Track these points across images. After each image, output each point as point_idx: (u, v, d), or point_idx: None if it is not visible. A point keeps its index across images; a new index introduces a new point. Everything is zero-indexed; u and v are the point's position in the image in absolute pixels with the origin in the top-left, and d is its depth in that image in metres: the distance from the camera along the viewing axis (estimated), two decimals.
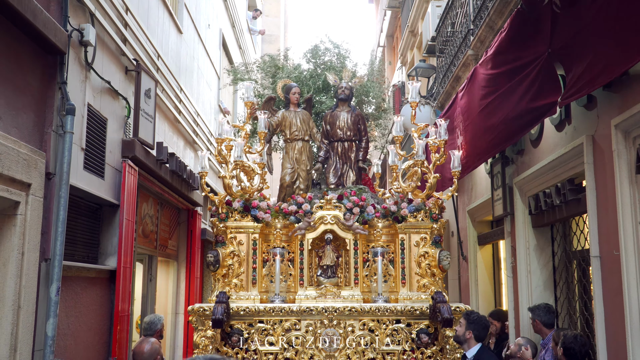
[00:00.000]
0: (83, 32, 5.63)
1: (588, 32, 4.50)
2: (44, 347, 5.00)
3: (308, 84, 9.75)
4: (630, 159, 4.92)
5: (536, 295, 7.23)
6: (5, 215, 4.56)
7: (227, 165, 6.32)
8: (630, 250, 4.87)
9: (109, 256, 6.70)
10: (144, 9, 7.85)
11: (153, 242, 9.11)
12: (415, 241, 6.42)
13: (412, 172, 6.54)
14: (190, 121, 10.29)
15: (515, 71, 5.76)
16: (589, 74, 4.63)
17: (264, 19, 24.56)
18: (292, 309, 5.97)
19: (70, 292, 5.74)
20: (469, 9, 9.03)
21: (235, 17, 15.83)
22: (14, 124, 4.60)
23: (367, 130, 7.82)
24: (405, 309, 6.04)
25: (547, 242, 7.35)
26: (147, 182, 7.98)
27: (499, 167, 7.99)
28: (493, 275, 10.08)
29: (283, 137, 7.63)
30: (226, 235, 6.34)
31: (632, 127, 4.83)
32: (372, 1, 31.28)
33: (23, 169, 4.59)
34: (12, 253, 4.55)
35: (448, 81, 10.22)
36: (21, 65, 4.76)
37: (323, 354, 5.91)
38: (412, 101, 6.80)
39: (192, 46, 10.91)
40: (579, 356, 4.87)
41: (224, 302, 5.83)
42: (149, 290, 9.42)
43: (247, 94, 6.58)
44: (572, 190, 6.14)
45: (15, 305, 4.58)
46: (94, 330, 6.39)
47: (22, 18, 4.43)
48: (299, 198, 6.67)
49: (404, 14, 18.61)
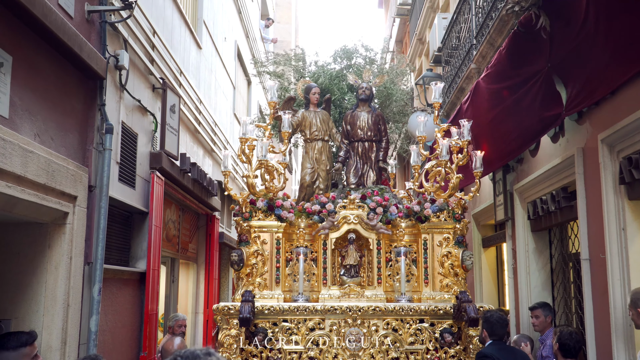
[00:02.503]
0: (118, 57, 6.22)
1: (584, 48, 4.91)
2: (87, 341, 5.62)
3: (337, 83, 9.93)
4: (614, 171, 5.34)
5: (535, 295, 7.65)
6: (56, 224, 5.18)
7: (251, 164, 6.30)
8: (615, 254, 5.30)
9: (139, 259, 7.28)
10: (168, 30, 8.44)
11: (175, 246, 9.69)
12: (438, 241, 6.39)
13: (435, 172, 6.52)
14: (209, 131, 10.87)
15: (517, 85, 6.15)
16: (586, 89, 5.09)
17: (275, 26, 25.08)
18: (317, 308, 5.94)
19: (108, 293, 6.32)
20: (471, 24, 9.49)
21: (248, 28, 16.39)
22: (63, 143, 5.20)
23: (387, 130, 7.79)
24: (429, 309, 5.99)
25: (545, 245, 7.79)
26: (172, 190, 8.56)
27: (501, 174, 8.46)
28: (497, 277, 10.52)
29: (303, 137, 7.61)
30: (250, 235, 6.29)
31: (616, 141, 5.26)
32: (382, 6, 31.68)
33: (70, 183, 5.19)
34: (62, 258, 5.16)
35: (453, 92, 10.65)
36: (68, 91, 5.37)
37: (347, 353, 5.88)
38: (435, 101, 6.78)
39: (210, 60, 11.50)
40: (572, 351, 5.20)
41: (251, 301, 5.81)
42: (172, 291, 10.00)
43: (271, 94, 6.59)
44: (565, 198, 6.58)
45: (65, 303, 5.19)
46: (127, 327, 6.98)
47: (71, 51, 5.04)
48: (323, 198, 6.67)
49: (412, 21, 18.97)
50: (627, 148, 5.14)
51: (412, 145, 7.16)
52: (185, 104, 9.11)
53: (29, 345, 4.00)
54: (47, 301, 5.12)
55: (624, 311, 5.20)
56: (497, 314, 5.42)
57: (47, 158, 4.78)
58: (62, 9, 5.11)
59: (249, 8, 16.72)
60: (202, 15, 10.84)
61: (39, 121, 4.82)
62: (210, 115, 11.05)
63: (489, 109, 6.80)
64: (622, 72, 4.52)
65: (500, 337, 5.28)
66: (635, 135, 4.95)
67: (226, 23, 13.37)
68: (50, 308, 5.12)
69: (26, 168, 4.45)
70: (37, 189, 4.66)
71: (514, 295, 8.19)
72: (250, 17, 16.69)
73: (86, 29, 5.62)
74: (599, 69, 4.81)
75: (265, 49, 20.42)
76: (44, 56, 4.95)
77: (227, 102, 13.40)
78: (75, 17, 5.39)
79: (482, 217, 9.90)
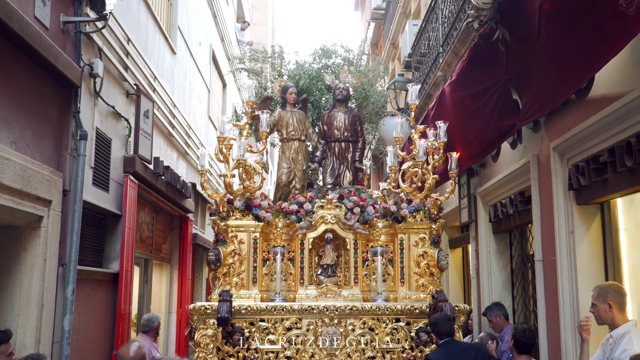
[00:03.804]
0: (93, 65, 6.42)
1: (536, 63, 5.21)
2: (61, 339, 5.83)
3: (317, 85, 10.03)
4: (564, 177, 5.68)
5: (496, 294, 7.95)
6: (31, 227, 5.39)
7: (228, 164, 6.28)
8: (564, 255, 5.64)
9: (112, 261, 7.48)
10: (142, 37, 8.64)
11: (149, 247, 9.87)
12: (414, 241, 6.40)
13: (411, 172, 6.53)
14: (183, 134, 11.06)
15: (478, 94, 6.44)
16: (538, 101, 5.37)
17: (251, 28, 25.21)
18: (294, 308, 5.95)
19: (82, 293, 6.52)
20: (438, 33, 9.79)
21: (224, 31, 16.53)
22: (38, 149, 5.41)
23: (363, 131, 7.81)
24: (405, 308, 6.02)
25: (506, 246, 8.11)
26: (145, 193, 8.75)
27: (465, 178, 8.79)
28: (463, 277, 10.84)
29: (279, 136, 7.61)
30: (227, 234, 6.27)
31: (566, 150, 5.60)
32: (358, 9, 31.95)
33: (45, 188, 5.40)
34: (37, 260, 5.37)
35: (421, 97, 10.92)
36: (44, 99, 5.57)
37: (324, 352, 5.89)
38: (411, 103, 6.76)
39: (185, 64, 11.69)
40: (526, 347, 5.37)
41: (228, 301, 5.82)
42: (145, 291, 10.15)
43: (249, 93, 6.55)
44: (522, 202, 6.90)
45: (39, 303, 5.40)
46: (100, 326, 7.18)
47: (47, 62, 5.25)
48: (300, 197, 6.66)
49: (386, 26, 19.24)
50: (575, 156, 5.48)
51: (389, 147, 7.15)
52: (159, 109, 9.30)
53: (4, 343, 4.23)
54: (22, 301, 5.34)
55: (572, 309, 5.54)
56: (438, 314, 5.49)
57: (23, 164, 4.99)
58: (38, 21, 5.32)
59: (225, 11, 16.89)
60: (176, 21, 11.03)
61: (15, 129, 5.03)
62: (184, 118, 11.23)
63: (454, 115, 7.04)
64: (565, 90, 4.82)
65: (449, 334, 5.28)
66: (583, 144, 5.27)
67: (201, 27, 13.56)
68: (25, 308, 5.33)
69: (2, 174, 4.66)
70: (13, 194, 4.87)
71: (477, 294, 8.50)
72: (225, 21, 16.84)
73: (61, 39, 5.83)
74: (548, 84, 5.10)
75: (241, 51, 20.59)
76: (20, 66, 5.16)
77: (202, 106, 13.59)
78: (50, 28, 5.60)
79: (449, 219, 10.17)
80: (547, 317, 6.13)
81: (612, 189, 4.89)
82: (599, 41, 4.10)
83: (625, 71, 4.52)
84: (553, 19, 4.68)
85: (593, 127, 4.95)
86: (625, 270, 5.24)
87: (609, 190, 4.94)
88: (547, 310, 6.15)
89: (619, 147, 4.62)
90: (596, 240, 5.50)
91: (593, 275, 5.43)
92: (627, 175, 4.61)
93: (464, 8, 8.05)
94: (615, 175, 4.75)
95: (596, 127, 4.91)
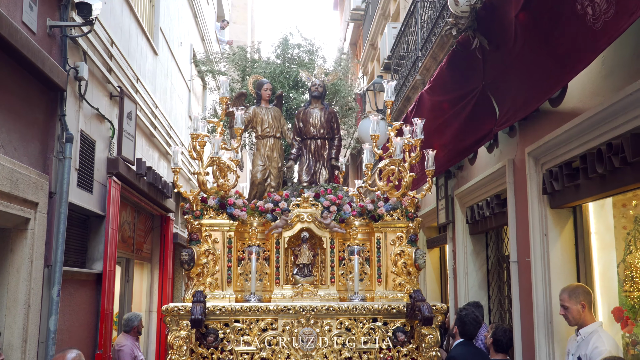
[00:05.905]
0: (78, 69, 6.50)
1: (511, 71, 5.39)
2: (46, 339, 5.91)
3: (280, 80, 9.91)
4: (539, 181, 5.87)
5: (472, 294, 8.15)
6: (19, 229, 5.47)
7: (202, 161, 6.10)
8: (538, 257, 5.83)
9: (95, 261, 7.55)
10: (125, 39, 8.70)
11: (130, 247, 9.94)
12: (391, 240, 6.26)
13: (388, 170, 6.42)
14: (164, 134, 11.13)
15: (456, 99, 6.62)
16: (513, 108, 5.54)
17: (231, 27, 25.25)
18: (269, 308, 5.82)
19: (66, 293, 6.59)
20: (417, 37, 9.96)
21: (204, 31, 16.61)
22: (25, 153, 5.49)
23: (340, 128, 7.63)
24: (382, 308, 5.89)
25: (482, 247, 8.32)
26: (128, 193, 8.81)
27: (443, 180, 8.99)
28: (440, 276, 11.05)
29: (254, 133, 7.42)
30: (201, 233, 6.11)
31: (540, 155, 5.78)
32: (337, 8, 32.10)
33: (32, 191, 5.48)
34: (24, 261, 5.45)
35: (400, 100, 11.11)
36: (31, 103, 5.65)
37: (300, 353, 5.80)
38: (387, 100, 6.56)
39: (166, 65, 11.75)
40: (504, 346, 5.65)
41: (202, 302, 5.69)
42: (126, 291, 10.23)
43: (223, 89, 6.38)
44: (498, 204, 7.09)
45: (26, 304, 5.48)
46: (84, 326, 7.26)
47: (34, 66, 5.32)
48: (276, 196, 6.50)
49: (365, 27, 19.40)
50: (549, 161, 5.66)
51: (365, 144, 7.11)
52: (141, 110, 9.37)
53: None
54: (9, 302, 5.42)
55: (545, 309, 5.73)
56: (472, 314, 5.59)
57: (11, 168, 5.07)
58: (25, 26, 5.39)
59: (205, 11, 16.94)
60: (158, 22, 11.09)
61: (3, 133, 5.10)
62: (165, 119, 11.30)
63: (432, 119, 7.19)
64: (538, 97, 5.00)
65: (470, 337, 5.52)
66: (556, 150, 5.46)
67: (182, 27, 13.61)
68: (12, 309, 5.42)
69: None
70: (1, 198, 4.96)
71: (454, 294, 8.70)
72: (205, 20, 16.89)
73: (48, 43, 5.91)
74: (522, 91, 5.28)
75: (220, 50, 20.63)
76: (8, 71, 5.23)
77: (183, 105, 13.65)
78: (37, 32, 5.67)
79: (426, 219, 10.38)
80: (522, 317, 6.31)
81: (584, 194, 5.08)
82: (570, 52, 4.27)
83: (597, 82, 4.71)
84: (528, 29, 4.86)
85: (566, 134, 5.12)
86: (596, 271, 5.42)
87: (581, 195, 5.13)
88: (521, 310, 6.32)
89: (591, 155, 4.80)
90: (569, 243, 5.69)
91: (566, 276, 5.61)
92: (598, 181, 4.79)
93: (442, 14, 8.24)
94: (587, 181, 4.94)
95: (569, 134, 5.09)
